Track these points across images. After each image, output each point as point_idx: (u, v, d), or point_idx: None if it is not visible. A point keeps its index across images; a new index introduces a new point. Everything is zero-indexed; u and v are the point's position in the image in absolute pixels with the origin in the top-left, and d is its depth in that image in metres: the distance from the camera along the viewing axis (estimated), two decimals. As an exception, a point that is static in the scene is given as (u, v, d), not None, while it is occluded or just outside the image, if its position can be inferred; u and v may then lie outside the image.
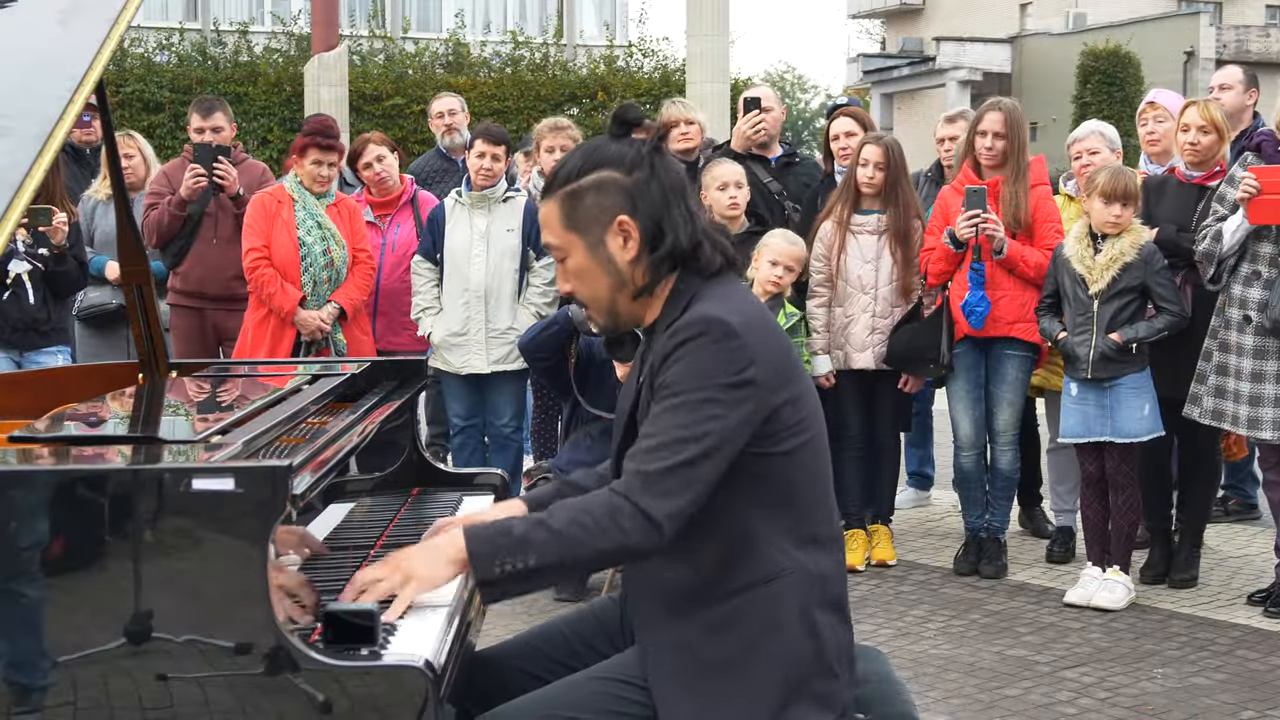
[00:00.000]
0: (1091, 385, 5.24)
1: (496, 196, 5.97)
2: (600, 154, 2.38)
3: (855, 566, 5.71)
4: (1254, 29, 37.95)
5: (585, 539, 2.21)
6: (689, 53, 15.55)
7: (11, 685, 2.05)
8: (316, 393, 2.98)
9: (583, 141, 2.71)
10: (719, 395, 2.24)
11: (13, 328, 5.90)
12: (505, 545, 2.21)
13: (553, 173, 2.42)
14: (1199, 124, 5.40)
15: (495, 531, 2.25)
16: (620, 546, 2.22)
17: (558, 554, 2.21)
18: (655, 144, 2.39)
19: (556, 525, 2.22)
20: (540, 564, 2.21)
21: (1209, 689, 4.39)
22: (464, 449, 6.16)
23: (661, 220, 2.36)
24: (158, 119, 18.99)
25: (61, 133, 2.38)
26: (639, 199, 2.35)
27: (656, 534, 2.21)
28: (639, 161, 2.37)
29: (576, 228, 2.37)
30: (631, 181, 2.36)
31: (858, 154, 5.77)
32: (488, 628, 3.62)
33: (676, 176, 2.40)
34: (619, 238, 2.36)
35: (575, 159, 2.40)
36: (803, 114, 57.23)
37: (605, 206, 2.35)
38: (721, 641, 2.31)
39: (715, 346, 2.26)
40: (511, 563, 2.20)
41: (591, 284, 2.41)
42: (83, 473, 2.13)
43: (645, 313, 2.43)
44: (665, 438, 2.23)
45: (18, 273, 5.83)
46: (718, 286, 2.38)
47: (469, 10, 29.61)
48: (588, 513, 2.23)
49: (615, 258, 2.37)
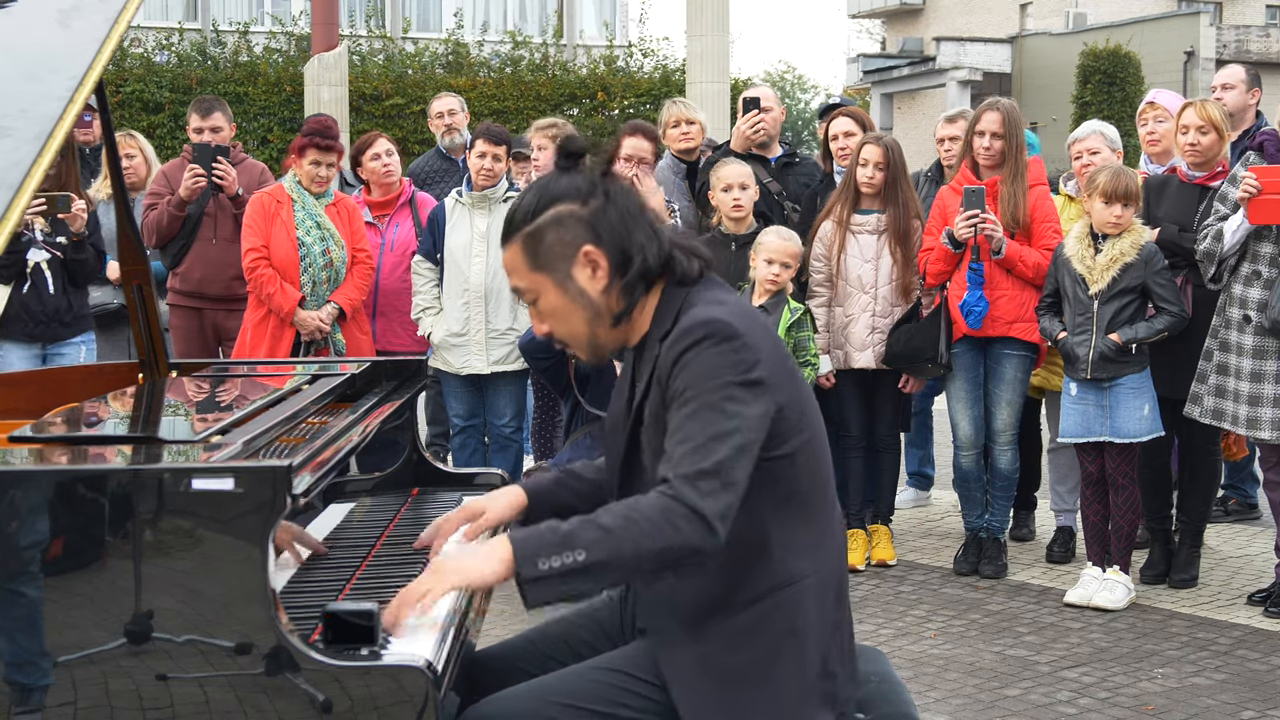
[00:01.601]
0: (1091, 385, 5.24)
1: (497, 196, 5.97)
2: (552, 189, 2.37)
3: (855, 566, 5.71)
4: (1254, 29, 37.92)
5: (638, 536, 2.15)
6: (689, 52, 15.55)
7: (12, 685, 2.06)
8: (316, 393, 2.99)
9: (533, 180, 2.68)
10: (736, 393, 2.23)
11: (35, 320, 5.88)
12: (551, 541, 2.16)
13: (509, 216, 2.40)
14: (1197, 124, 5.40)
15: (541, 529, 2.20)
16: (674, 545, 2.15)
17: (608, 551, 2.14)
18: (605, 169, 2.38)
19: (607, 522, 2.17)
20: (590, 560, 2.14)
21: (1209, 689, 4.39)
22: (464, 449, 6.16)
23: (626, 244, 2.35)
24: (158, 119, 19.00)
25: (61, 133, 2.38)
26: (599, 227, 2.34)
27: (711, 535, 2.17)
28: (592, 190, 2.36)
29: (542, 267, 2.36)
30: (589, 211, 2.35)
31: (857, 154, 5.77)
32: (488, 628, 3.62)
33: (631, 198, 2.40)
34: (586, 269, 2.35)
35: (529, 198, 2.38)
36: (802, 114, 57.21)
37: (567, 240, 2.34)
38: (742, 650, 2.31)
39: (721, 348, 2.25)
40: (559, 559, 2.14)
41: (567, 320, 2.39)
42: (83, 473, 2.13)
43: (628, 335, 2.43)
44: (696, 441, 2.21)
45: (36, 262, 5.82)
46: (704, 291, 2.38)
47: (468, 10, 29.60)
48: (639, 510, 2.18)
49: (586, 290, 2.36)
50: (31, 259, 5.82)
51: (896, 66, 37.61)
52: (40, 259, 5.82)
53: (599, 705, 2.33)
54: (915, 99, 38.50)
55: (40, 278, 5.84)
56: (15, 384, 3.39)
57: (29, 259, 5.82)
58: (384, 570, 2.64)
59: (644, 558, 2.16)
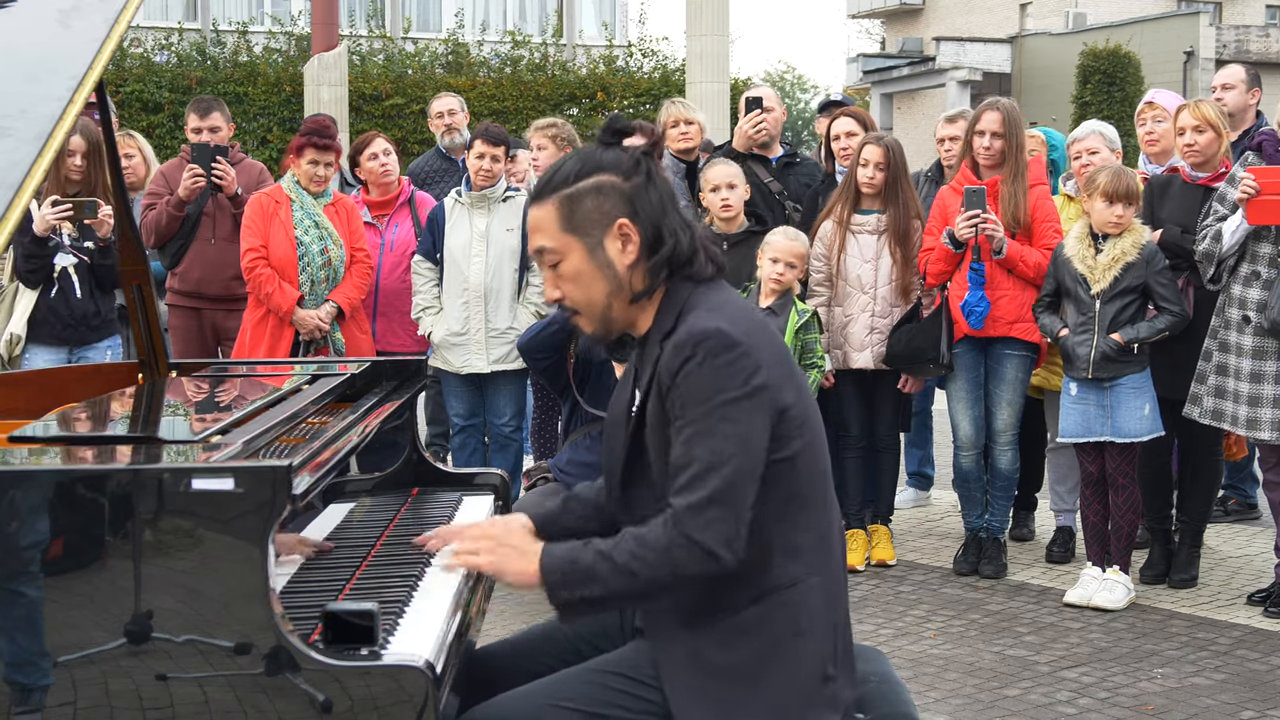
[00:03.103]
0: (1091, 385, 5.24)
1: (496, 196, 5.97)
2: (597, 159, 2.39)
3: (855, 566, 5.71)
4: (1254, 29, 37.92)
5: (648, 571, 2.24)
6: (689, 53, 15.56)
7: (12, 685, 2.05)
8: (316, 393, 2.98)
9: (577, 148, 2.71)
10: (733, 413, 2.24)
11: (63, 324, 5.89)
12: (575, 576, 2.28)
13: (545, 177, 2.41)
14: (1193, 124, 5.40)
15: (566, 561, 2.30)
16: (683, 578, 2.25)
17: (623, 585, 2.26)
18: (649, 150, 2.41)
19: (620, 560, 2.26)
20: (608, 593, 2.27)
21: (1209, 689, 4.39)
22: (464, 449, 6.16)
23: (660, 225, 2.37)
24: (157, 119, 19.01)
25: (61, 133, 2.38)
26: (639, 203, 2.36)
27: (716, 563, 2.23)
28: (635, 168, 2.38)
29: (575, 230, 2.37)
30: (630, 186, 2.36)
31: (858, 154, 5.77)
32: (488, 627, 3.62)
33: (669, 185, 2.43)
34: (618, 241, 2.36)
35: (572, 163, 2.40)
36: (802, 114, 57.21)
37: (605, 210, 2.36)
38: (738, 649, 2.31)
39: (717, 361, 2.26)
40: (581, 590, 2.27)
41: (587, 288, 2.40)
42: (83, 473, 2.13)
43: (639, 318, 2.43)
44: (696, 469, 2.24)
45: (64, 266, 5.84)
46: (707, 293, 2.39)
47: (468, 10, 29.60)
48: (647, 546, 2.26)
49: (614, 261, 2.37)
50: (59, 263, 5.84)
51: (896, 66, 37.62)
52: (68, 263, 5.85)
53: (598, 707, 2.33)
54: (915, 99, 38.50)
55: (68, 282, 5.86)
56: (15, 384, 3.39)
57: (56, 263, 5.84)
58: (384, 570, 2.63)
59: (657, 588, 2.27)
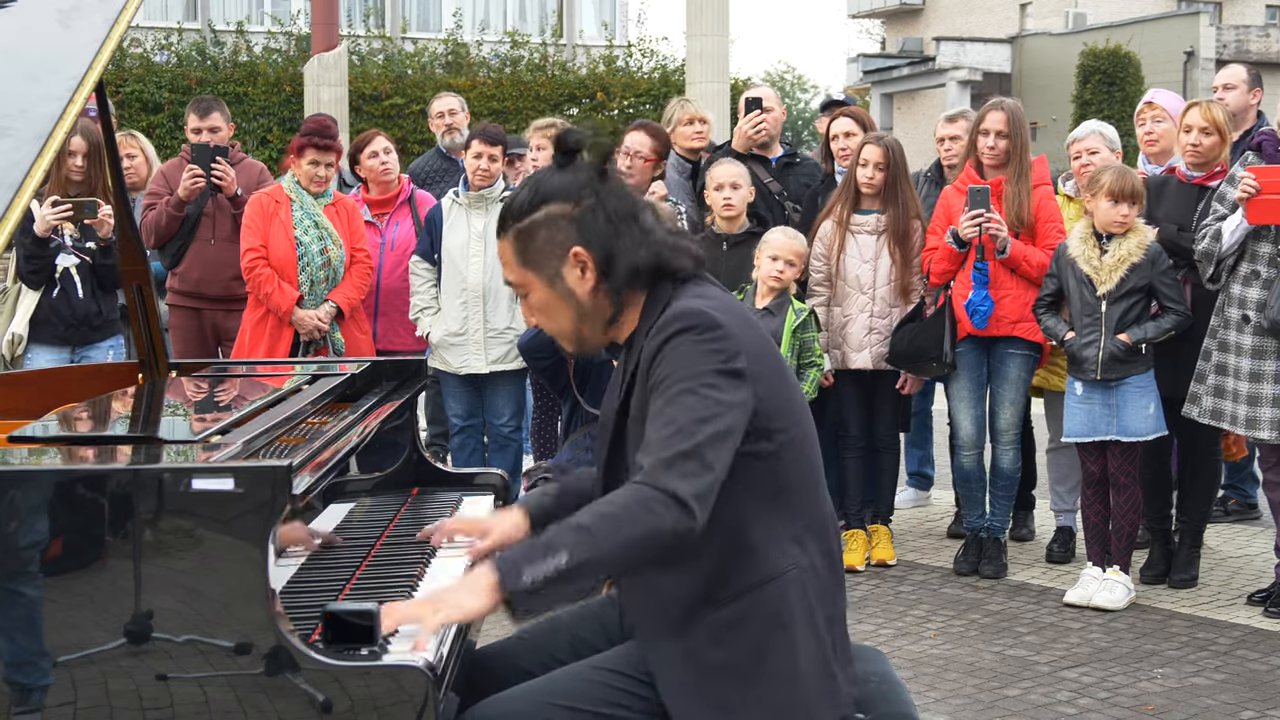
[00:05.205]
0: (1097, 385, 5.23)
1: (494, 196, 5.96)
2: (546, 187, 2.38)
3: (855, 566, 5.71)
4: (1254, 29, 37.92)
5: (616, 528, 2.14)
6: (689, 53, 15.54)
7: (12, 685, 2.05)
8: (316, 393, 2.98)
9: (531, 174, 2.70)
10: (716, 381, 2.24)
11: (65, 324, 5.91)
12: (532, 552, 2.15)
13: (503, 209, 2.43)
14: (1201, 125, 5.40)
15: (522, 544, 2.24)
16: (653, 530, 2.14)
17: (589, 549, 2.13)
18: (599, 169, 2.39)
19: (585, 521, 2.17)
20: (573, 561, 2.13)
21: (1209, 689, 4.39)
22: (464, 449, 6.16)
23: (611, 248, 2.36)
24: (157, 119, 18.99)
25: (61, 133, 2.38)
26: (588, 230, 2.35)
27: (688, 516, 2.15)
28: (584, 190, 2.37)
29: (531, 264, 2.38)
30: (579, 212, 2.36)
31: (858, 154, 5.76)
32: (488, 627, 3.61)
33: (624, 199, 2.40)
34: (575, 269, 2.37)
35: (523, 194, 2.40)
36: (802, 114, 57.20)
37: (559, 240, 2.36)
38: (728, 645, 2.30)
39: (701, 337, 2.26)
40: (543, 566, 2.12)
41: (555, 317, 2.42)
42: (83, 473, 2.13)
43: (617, 334, 2.44)
44: (676, 425, 2.20)
45: (66, 267, 5.85)
46: (691, 289, 2.39)
47: (468, 10, 29.60)
48: (615, 503, 2.19)
49: (575, 289, 2.38)
50: (61, 264, 5.85)
51: (896, 66, 37.63)
52: (69, 264, 5.86)
53: (597, 706, 2.33)
54: (915, 99, 38.50)
55: (69, 282, 5.88)
56: (15, 384, 3.39)
57: (58, 264, 5.85)
58: (384, 570, 2.64)
59: (626, 548, 2.16)
